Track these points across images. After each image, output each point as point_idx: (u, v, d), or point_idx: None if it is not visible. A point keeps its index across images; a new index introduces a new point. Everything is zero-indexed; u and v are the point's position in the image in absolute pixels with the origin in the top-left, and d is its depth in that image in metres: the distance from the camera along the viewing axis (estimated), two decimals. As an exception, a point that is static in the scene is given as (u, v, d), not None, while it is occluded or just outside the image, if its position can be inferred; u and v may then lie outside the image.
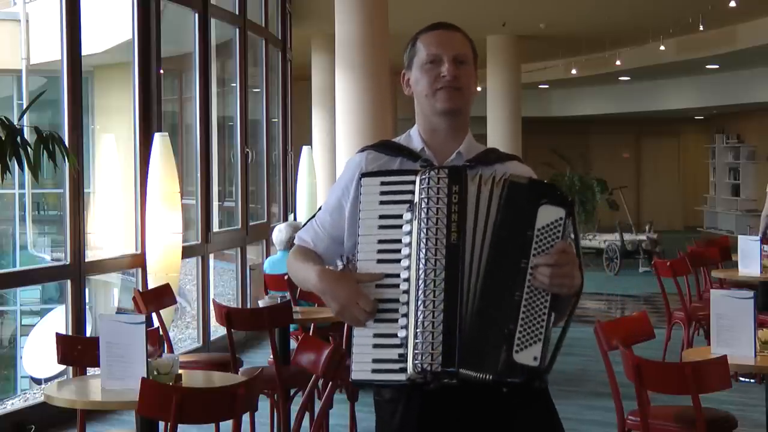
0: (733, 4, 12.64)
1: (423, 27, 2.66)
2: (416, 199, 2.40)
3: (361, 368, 2.42)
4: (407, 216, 2.41)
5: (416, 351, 2.35)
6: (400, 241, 2.41)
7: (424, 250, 2.37)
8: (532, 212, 2.39)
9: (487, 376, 2.35)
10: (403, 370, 2.37)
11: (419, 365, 2.34)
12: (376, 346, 2.41)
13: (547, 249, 2.37)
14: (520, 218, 2.39)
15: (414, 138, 2.64)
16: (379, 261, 2.43)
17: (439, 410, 2.48)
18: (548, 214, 2.39)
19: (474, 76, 2.61)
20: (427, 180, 2.39)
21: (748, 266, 7.70)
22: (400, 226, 2.41)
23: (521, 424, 2.51)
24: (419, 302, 2.36)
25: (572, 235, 2.43)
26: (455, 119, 2.60)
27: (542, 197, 2.40)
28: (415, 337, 2.35)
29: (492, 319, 2.36)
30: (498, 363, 2.34)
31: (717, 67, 18.67)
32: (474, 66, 2.61)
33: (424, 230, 2.37)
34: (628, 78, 21.02)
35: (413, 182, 2.42)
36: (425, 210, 2.38)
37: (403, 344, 2.38)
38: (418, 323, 2.35)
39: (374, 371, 2.41)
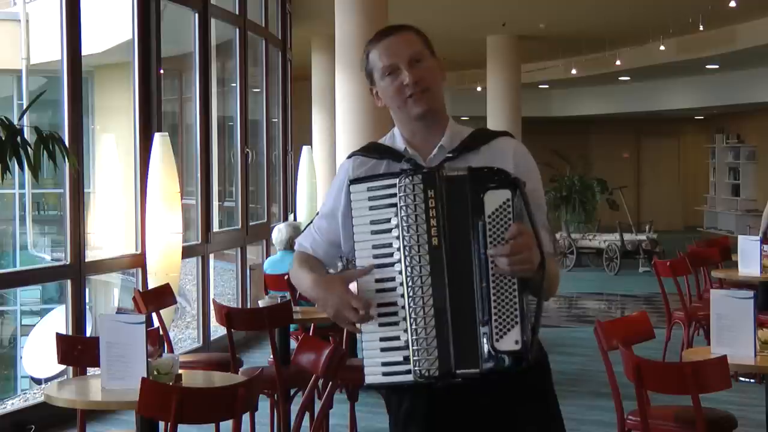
0: (733, 4, 12.64)
1: (369, 39, 2.65)
2: (399, 204, 2.44)
3: (372, 372, 2.47)
4: (395, 220, 2.45)
5: (415, 358, 2.41)
6: (391, 244, 2.45)
7: (408, 258, 2.42)
8: (478, 201, 2.40)
9: (475, 371, 2.39)
10: (410, 371, 2.43)
11: (419, 371, 2.41)
12: (383, 349, 2.46)
13: (502, 232, 2.38)
14: (469, 210, 2.41)
15: (397, 137, 2.66)
16: (377, 266, 2.47)
17: (445, 399, 2.53)
18: (495, 199, 2.40)
19: (436, 68, 2.61)
20: (404, 188, 2.43)
21: (748, 266, 7.69)
22: (391, 230, 2.45)
23: (526, 413, 2.56)
24: (411, 310, 2.41)
25: (526, 213, 2.43)
26: (431, 117, 2.62)
27: (485, 183, 2.41)
28: (412, 344, 2.41)
29: (470, 314, 2.40)
30: (482, 355, 2.39)
31: (717, 67, 18.66)
32: (433, 57, 2.61)
33: (407, 237, 2.42)
34: (628, 78, 21.01)
35: (395, 185, 2.45)
36: (405, 218, 2.42)
37: (407, 346, 2.43)
38: (413, 331, 2.41)
39: (384, 374, 2.45)
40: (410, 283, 2.41)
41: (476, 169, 2.46)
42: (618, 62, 17.35)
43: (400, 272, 2.43)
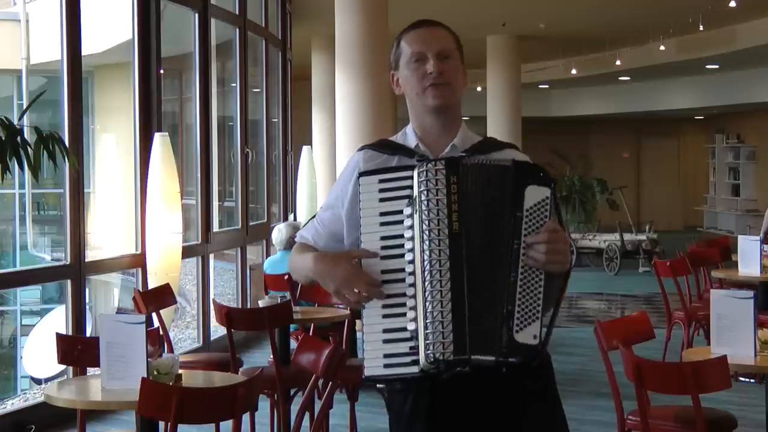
0: (733, 4, 12.64)
1: (406, 26, 2.67)
2: (415, 193, 2.42)
3: (373, 364, 2.44)
4: (408, 210, 2.43)
5: (428, 341, 2.37)
6: (402, 236, 2.44)
7: (427, 242, 2.39)
8: (519, 193, 2.43)
9: (490, 358, 2.38)
10: (415, 362, 2.40)
11: (432, 355, 2.37)
12: (386, 341, 2.43)
13: (537, 228, 2.42)
14: (508, 200, 2.43)
15: (409, 135, 2.67)
16: (383, 258, 2.45)
17: (449, 396, 2.51)
18: (535, 194, 2.43)
19: (460, 70, 2.63)
20: (425, 173, 2.42)
21: (748, 266, 7.69)
22: (401, 222, 2.44)
23: (529, 412, 2.55)
24: (427, 293, 2.39)
25: (557, 214, 2.47)
26: (446, 115, 2.62)
27: (528, 178, 2.44)
28: (426, 328, 2.38)
29: (492, 302, 2.40)
30: (501, 344, 2.38)
31: (717, 67, 18.67)
32: (460, 59, 2.63)
33: (426, 222, 2.40)
34: (628, 78, 21.02)
35: (411, 177, 2.44)
36: (425, 202, 2.41)
37: (414, 337, 2.40)
38: (428, 314, 2.38)
39: (386, 366, 2.43)
40: (428, 267, 2.38)
41: (520, 162, 2.48)
42: (618, 62, 17.35)
43: (411, 261, 2.41)
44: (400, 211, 2.44)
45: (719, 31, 15.73)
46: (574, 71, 18.49)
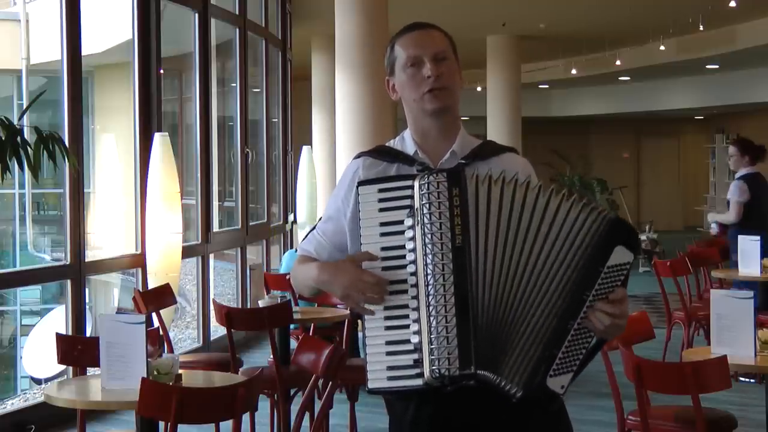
0: (733, 4, 12.64)
1: (398, 30, 2.64)
2: (417, 205, 2.38)
3: (376, 377, 2.39)
4: (409, 221, 2.39)
5: (432, 357, 2.33)
6: (403, 246, 2.39)
7: (430, 256, 2.35)
8: (608, 249, 2.38)
9: (514, 390, 2.36)
10: (420, 375, 2.35)
11: (437, 371, 2.33)
12: (389, 353, 2.38)
13: (609, 289, 2.38)
14: (596, 251, 2.37)
15: (407, 141, 2.63)
16: (384, 269, 2.40)
17: (451, 405, 2.47)
18: (620, 256, 2.38)
19: (457, 70, 2.60)
20: (426, 185, 2.37)
21: (748, 266, 7.69)
22: (403, 232, 2.40)
23: (534, 420, 2.50)
24: (431, 308, 2.34)
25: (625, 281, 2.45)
26: (445, 118, 2.59)
27: (623, 237, 2.39)
28: (430, 343, 2.34)
29: (518, 324, 2.36)
30: (532, 381, 2.35)
31: (717, 67, 18.67)
32: (455, 60, 2.60)
33: (429, 235, 2.35)
34: (628, 78, 21.02)
35: (411, 187, 2.40)
36: (427, 215, 2.36)
37: (418, 349, 2.36)
38: (432, 329, 2.34)
39: (390, 378, 2.38)
40: (431, 281, 2.34)
41: (623, 221, 2.44)
42: (618, 62, 17.35)
43: (413, 273, 2.37)
44: (401, 221, 2.40)
45: (719, 31, 15.73)
46: (574, 71, 18.49)
